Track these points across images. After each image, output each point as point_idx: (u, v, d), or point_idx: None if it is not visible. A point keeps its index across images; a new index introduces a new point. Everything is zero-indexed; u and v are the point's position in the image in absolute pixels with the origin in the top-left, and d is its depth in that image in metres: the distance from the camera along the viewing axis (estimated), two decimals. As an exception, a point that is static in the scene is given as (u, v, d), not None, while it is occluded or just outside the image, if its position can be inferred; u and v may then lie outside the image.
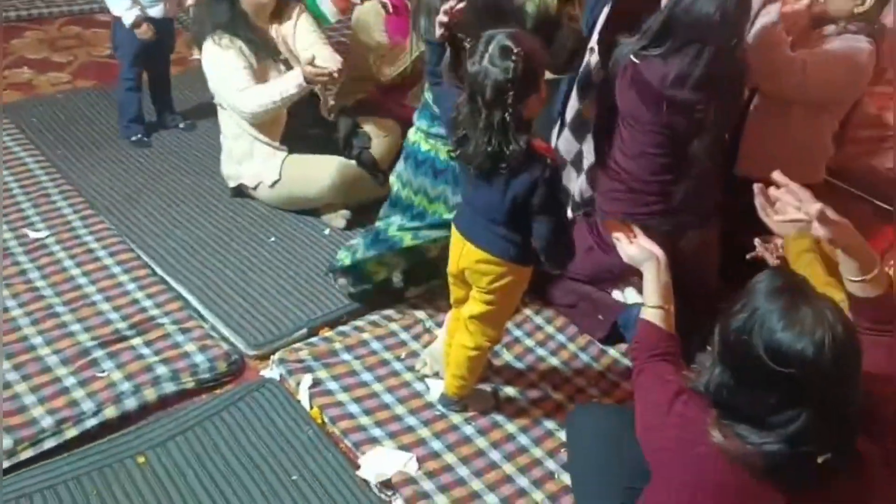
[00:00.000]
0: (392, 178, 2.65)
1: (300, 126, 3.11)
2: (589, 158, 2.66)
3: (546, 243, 1.95)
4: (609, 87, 2.40)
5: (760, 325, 1.34)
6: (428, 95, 2.44)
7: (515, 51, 1.78)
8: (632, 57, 2.30)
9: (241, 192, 3.18)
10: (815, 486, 1.38)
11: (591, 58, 2.53)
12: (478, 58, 1.82)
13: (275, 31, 3.09)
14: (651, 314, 1.71)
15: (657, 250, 1.79)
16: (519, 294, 2.19)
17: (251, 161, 3.07)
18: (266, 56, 2.98)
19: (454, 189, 2.43)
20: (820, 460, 1.32)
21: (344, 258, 2.67)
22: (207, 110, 3.43)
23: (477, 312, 2.13)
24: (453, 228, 2.13)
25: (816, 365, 1.30)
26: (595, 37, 2.50)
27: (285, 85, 2.86)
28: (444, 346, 2.37)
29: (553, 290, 2.74)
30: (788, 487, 1.39)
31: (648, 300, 1.75)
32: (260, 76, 2.94)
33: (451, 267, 2.17)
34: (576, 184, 2.74)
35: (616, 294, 2.65)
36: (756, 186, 1.62)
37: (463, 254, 2.08)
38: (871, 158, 3.14)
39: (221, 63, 2.91)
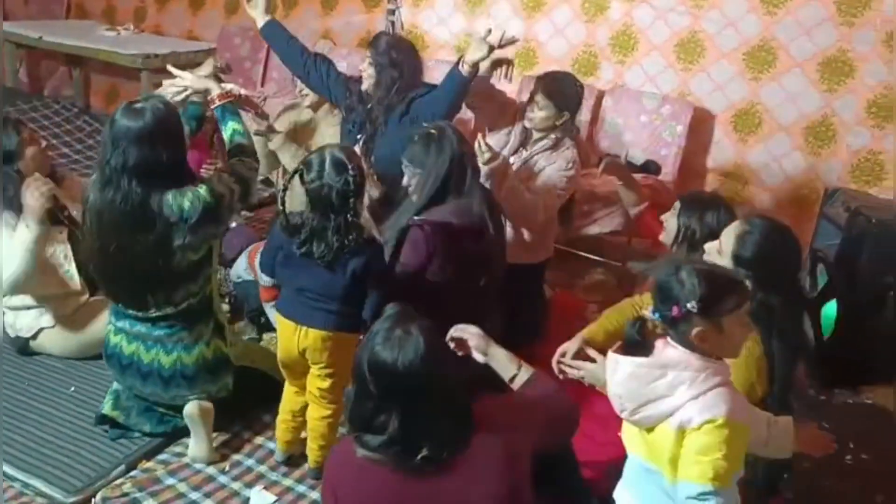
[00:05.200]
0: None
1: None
2: None
3: (377, 309, 2.20)
4: None
5: (369, 345, 1.65)
6: None
7: (350, 165, 2.14)
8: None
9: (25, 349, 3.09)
10: (428, 474, 1.62)
11: None
12: (315, 174, 2.16)
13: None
14: None
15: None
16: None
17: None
18: None
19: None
20: (421, 454, 1.59)
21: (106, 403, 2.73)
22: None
23: (326, 386, 2.41)
24: (282, 319, 2.37)
25: (404, 374, 1.59)
26: None
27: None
28: (281, 423, 2.59)
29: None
30: (410, 475, 1.63)
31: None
32: None
33: (287, 354, 2.40)
34: None
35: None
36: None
37: (300, 337, 2.34)
38: (593, 227, 3.80)
39: None
